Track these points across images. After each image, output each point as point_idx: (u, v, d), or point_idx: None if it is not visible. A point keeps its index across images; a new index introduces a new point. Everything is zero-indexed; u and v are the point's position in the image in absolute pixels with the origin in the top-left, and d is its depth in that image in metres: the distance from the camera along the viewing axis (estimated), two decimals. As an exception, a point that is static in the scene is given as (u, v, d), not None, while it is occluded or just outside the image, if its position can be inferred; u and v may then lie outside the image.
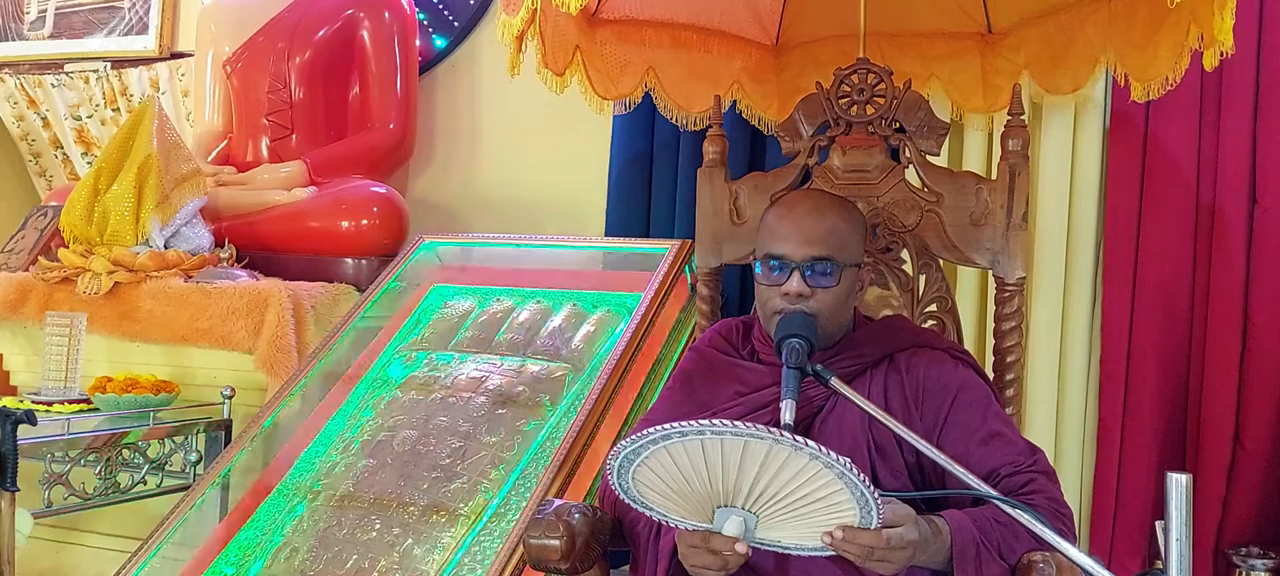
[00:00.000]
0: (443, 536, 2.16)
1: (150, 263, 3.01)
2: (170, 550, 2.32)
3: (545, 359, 2.53)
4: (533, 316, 2.67)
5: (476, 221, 3.51)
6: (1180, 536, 1.11)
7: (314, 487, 2.36)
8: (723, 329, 1.76)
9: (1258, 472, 2.53)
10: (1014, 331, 1.89)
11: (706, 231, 2.06)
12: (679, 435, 1.20)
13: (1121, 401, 2.65)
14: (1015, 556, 1.42)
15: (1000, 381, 1.88)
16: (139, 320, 2.97)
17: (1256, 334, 2.52)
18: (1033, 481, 1.51)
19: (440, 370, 2.57)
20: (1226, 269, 2.54)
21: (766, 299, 1.58)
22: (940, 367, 1.59)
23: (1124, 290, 2.64)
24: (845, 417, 1.54)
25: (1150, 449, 2.64)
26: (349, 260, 3.19)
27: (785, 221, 1.58)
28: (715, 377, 1.67)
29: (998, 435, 1.55)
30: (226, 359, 2.88)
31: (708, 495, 1.28)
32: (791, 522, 1.28)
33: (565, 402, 2.39)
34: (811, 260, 1.54)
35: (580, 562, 1.54)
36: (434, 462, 2.31)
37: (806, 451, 1.18)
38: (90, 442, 2.51)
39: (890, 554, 1.29)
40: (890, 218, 1.95)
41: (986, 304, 2.70)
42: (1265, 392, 2.51)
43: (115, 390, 2.71)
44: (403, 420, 2.44)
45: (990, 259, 1.89)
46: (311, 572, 2.18)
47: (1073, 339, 2.69)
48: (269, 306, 2.83)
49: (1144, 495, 2.63)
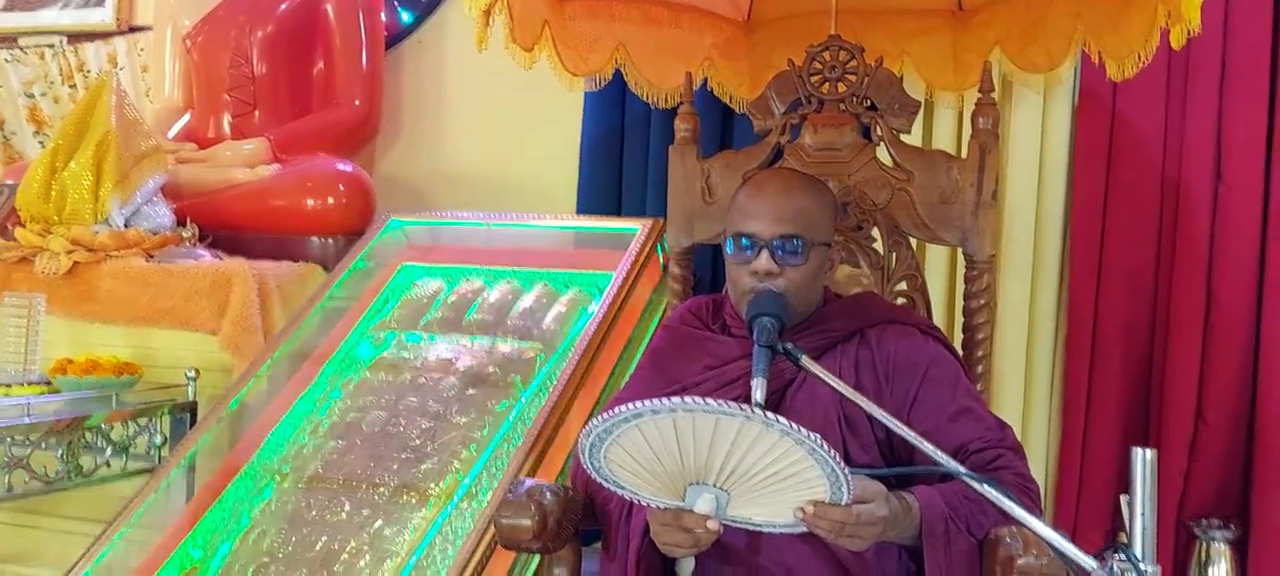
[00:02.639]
0: (413, 517, 2.15)
1: (110, 242, 2.96)
2: (136, 533, 2.29)
3: (516, 339, 2.51)
4: (503, 296, 2.65)
5: (444, 199, 3.48)
6: (1144, 510, 1.12)
7: (282, 469, 2.34)
8: (693, 306, 1.76)
9: (1219, 446, 2.57)
10: (983, 308, 1.90)
11: (678, 210, 2.05)
12: (650, 413, 1.20)
13: (1087, 376, 2.68)
14: (983, 531, 1.44)
15: (970, 358, 1.89)
16: (99, 300, 2.92)
17: (1219, 310, 2.55)
18: (1001, 457, 1.52)
19: (409, 350, 2.55)
20: (1191, 245, 2.57)
21: (736, 277, 1.58)
22: (910, 343, 1.60)
23: (1091, 266, 2.66)
24: (816, 392, 1.55)
25: (1114, 423, 2.68)
26: (315, 239, 3.15)
27: (755, 200, 1.58)
28: (686, 353, 1.67)
29: (967, 411, 1.56)
30: (190, 340, 2.84)
31: (679, 473, 1.28)
32: (763, 499, 1.28)
33: (536, 383, 2.38)
34: (780, 238, 1.54)
35: (552, 542, 1.54)
36: (404, 443, 2.30)
37: (777, 428, 1.18)
38: (51, 425, 2.47)
39: (861, 529, 1.30)
40: (861, 196, 1.96)
41: (956, 281, 2.72)
42: (1227, 368, 2.55)
43: (76, 372, 2.67)
44: (372, 401, 2.42)
45: (960, 236, 1.90)
46: (281, 554, 2.16)
47: (1040, 315, 2.72)
48: (233, 286, 2.79)
49: (1108, 469, 2.67)
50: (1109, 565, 1.07)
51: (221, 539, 2.23)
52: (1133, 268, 2.66)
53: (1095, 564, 1.08)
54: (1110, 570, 1.06)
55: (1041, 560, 1.33)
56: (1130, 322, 2.67)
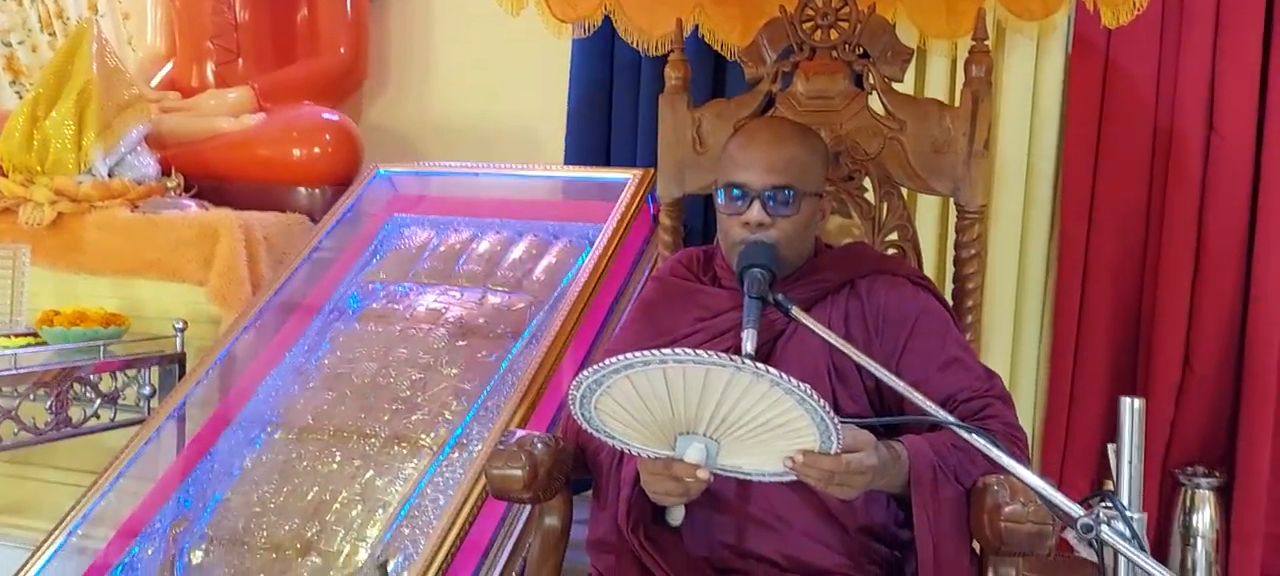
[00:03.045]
0: (404, 467, 2.16)
1: (94, 192, 2.93)
2: (128, 483, 2.30)
3: (506, 290, 2.50)
4: (492, 247, 2.64)
5: (431, 149, 3.45)
6: (1131, 459, 1.13)
7: (272, 420, 2.34)
8: (683, 257, 1.75)
9: (1205, 395, 2.59)
10: (974, 258, 1.89)
11: (669, 160, 2.03)
12: (641, 364, 1.20)
13: (1075, 325, 2.69)
14: (971, 479, 1.45)
15: (959, 308, 1.89)
16: (85, 251, 2.90)
17: (1209, 259, 2.56)
18: (989, 406, 1.53)
19: (399, 302, 2.54)
20: (1182, 195, 2.57)
21: (728, 228, 1.57)
22: (900, 293, 1.60)
23: (1081, 215, 2.66)
24: (806, 342, 1.55)
25: (1102, 372, 2.69)
26: (301, 189, 3.12)
27: (746, 150, 1.56)
28: (676, 304, 1.67)
29: (956, 360, 1.57)
30: (177, 291, 2.82)
31: (670, 423, 1.28)
32: (753, 449, 1.29)
33: (526, 334, 2.38)
34: (772, 189, 1.53)
35: (543, 492, 1.55)
36: (394, 394, 2.30)
37: (767, 378, 1.18)
38: (40, 377, 2.46)
39: (850, 478, 1.31)
40: (853, 145, 1.94)
41: (947, 231, 2.71)
42: (1215, 317, 2.56)
43: (63, 323, 2.66)
44: (362, 352, 2.42)
45: (952, 186, 1.89)
46: (273, 504, 2.17)
47: (1030, 264, 2.73)
48: (220, 237, 2.77)
49: (1095, 417, 2.69)
50: (1095, 513, 1.08)
51: (213, 489, 2.24)
52: (1123, 216, 2.65)
53: (1081, 511, 1.09)
54: (1096, 518, 1.07)
55: (1028, 508, 1.34)
56: (1120, 271, 2.67)
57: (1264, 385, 2.50)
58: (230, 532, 2.13)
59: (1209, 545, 2.53)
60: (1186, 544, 2.54)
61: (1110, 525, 1.07)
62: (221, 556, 2.10)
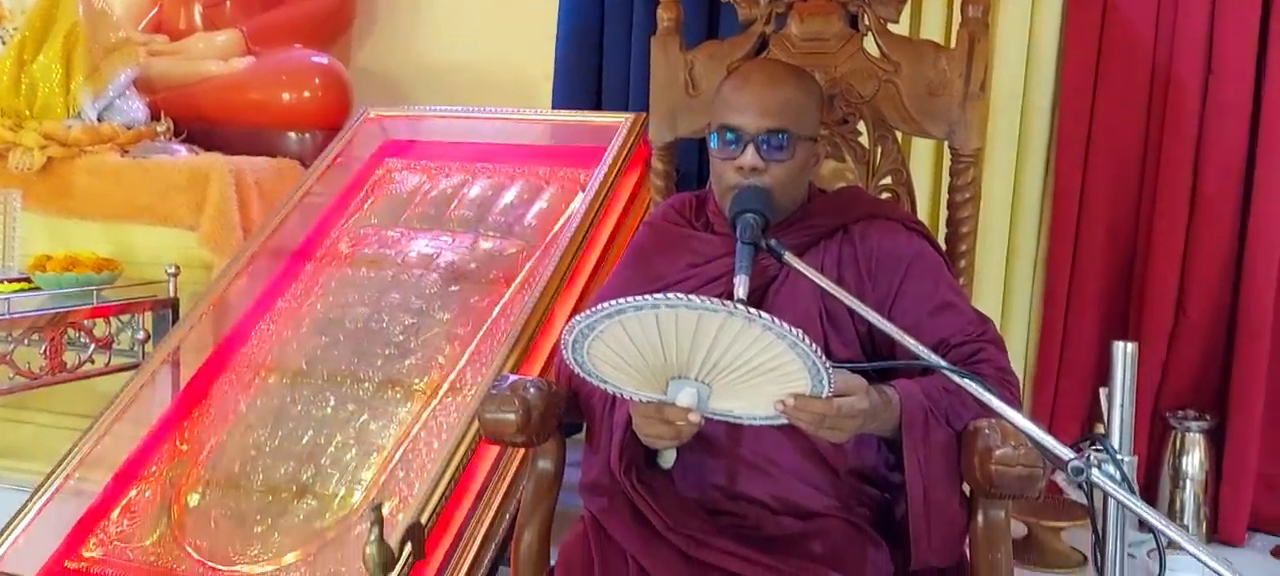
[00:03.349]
0: (398, 412, 2.17)
1: (84, 137, 2.91)
2: (124, 427, 2.31)
3: (498, 235, 2.50)
4: (484, 192, 2.63)
5: (421, 92, 3.41)
6: (1122, 402, 1.13)
7: (266, 365, 2.34)
8: (676, 203, 1.74)
9: (1198, 339, 2.60)
10: (968, 202, 1.89)
11: (661, 103, 2.01)
12: (633, 309, 1.20)
13: (1069, 268, 2.69)
14: (962, 423, 1.45)
15: (953, 252, 1.89)
16: (75, 196, 2.89)
17: (1204, 203, 2.55)
18: (981, 351, 1.53)
19: (391, 247, 2.53)
20: (1178, 139, 2.56)
21: (721, 173, 1.56)
22: (894, 238, 1.60)
23: (1077, 158, 2.65)
24: (798, 288, 1.55)
25: (1094, 315, 2.70)
26: (292, 134, 3.11)
27: (740, 93, 1.55)
28: (668, 250, 1.66)
29: (949, 305, 1.57)
30: (169, 236, 2.82)
31: (662, 367, 1.28)
32: (744, 393, 1.29)
33: (519, 279, 2.38)
34: (766, 132, 1.51)
35: (536, 436, 1.55)
36: (387, 339, 2.30)
37: (759, 323, 1.18)
38: (33, 322, 2.46)
39: (841, 422, 1.31)
40: (847, 88, 1.92)
41: (941, 174, 2.70)
42: (1210, 261, 2.56)
43: (55, 268, 2.65)
44: (355, 297, 2.42)
45: (947, 129, 1.88)
46: (268, 448, 2.18)
47: (1024, 207, 2.72)
48: (211, 182, 2.76)
49: (1086, 360, 2.71)
50: (1086, 456, 1.08)
51: (209, 433, 2.25)
52: (1119, 160, 2.64)
53: (1072, 454, 1.09)
54: (1087, 461, 1.08)
55: (1019, 451, 1.35)
56: (1114, 215, 2.67)
57: (1258, 329, 2.51)
58: (226, 475, 2.15)
59: (1197, 487, 2.55)
60: (1175, 486, 2.57)
61: (1100, 468, 1.08)
62: (218, 499, 2.11)
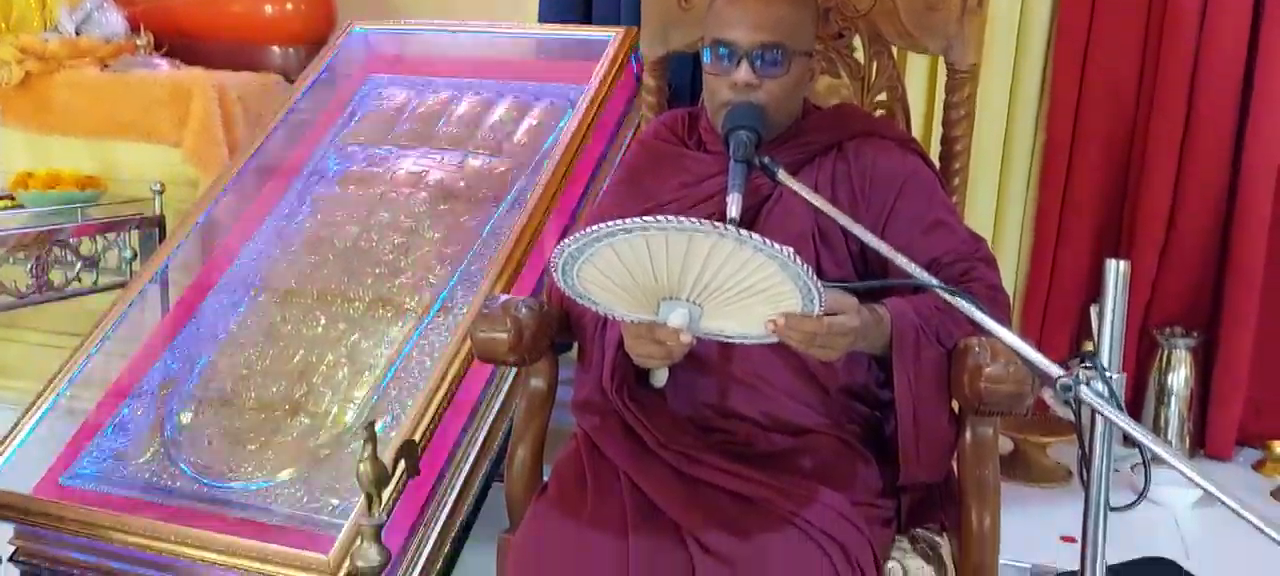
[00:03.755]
0: (389, 331, 2.17)
1: (62, 50, 2.86)
2: (114, 345, 2.30)
3: (487, 153, 2.47)
4: (472, 109, 2.59)
5: (408, 6, 3.34)
6: (1113, 320, 1.13)
7: (255, 283, 2.33)
8: (668, 120, 1.72)
9: (1189, 257, 2.61)
10: (964, 119, 1.87)
11: (652, 17, 1.97)
12: (623, 232, 1.19)
13: (1062, 186, 2.69)
14: (953, 341, 1.46)
15: (947, 169, 1.88)
16: (55, 112, 2.85)
17: (1199, 122, 2.54)
18: (973, 269, 1.53)
19: (379, 165, 2.50)
20: (1175, 56, 2.53)
21: (714, 89, 1.53)
22: (888, 156, 1.58)
23: (1073, 75, 2.63)
24: (791, 207, 1.54)
25: (1086, 233, 2.70)
26: (275, 48, 3.05)
27: (734, 7, 1.51)
28: (660, 169, 1.64)
29: (942, 224, 1.56)
30: (153, 153, 2.79)
31: (653, 288, 1.28)
32: (735, 313, 1.29)
33: (509, 198, 2.36)
34: (761, 47, 1.48)
35: (528, 354, 1.56)
36: (377, 258, 2.29)
37: (750, 244, 1.17)
38: (18, 240, 2.44)
39: (831, 340, 1.31)
40: (843, 2, 1.89)
41: (936, 91, 2.67)
42: (1204, 180, 2.56)
43: (38, 186, 2.63)
44: (343, 216, 2.40)
45: (944, 45, 1.85)
46: (259, 367, 2.18)
47: (1019, 125, 2.70)
48: (194, 97, 2.73)
49: (1077, 277, 2.72)
50: (1075, 373, 1.09)
51: (200, 352, 2.25)
52: (1115, 76, 2.62)
53: (1061, 372, 1.10)
54: (1076, 378, 1.08)
55: (1008, 368, 1.36)
56: (1109, 132, 2.65)
57: (1252, 249, 2.52)
58: (218, 394, 2.15)
59: (1182, 403, 2.59)
60: (1160, 402, 2.61)
61: (1089, 385, 1.09)
62: (211, 417, 2.12)
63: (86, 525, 1.94)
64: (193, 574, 1.88)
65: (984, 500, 1.46)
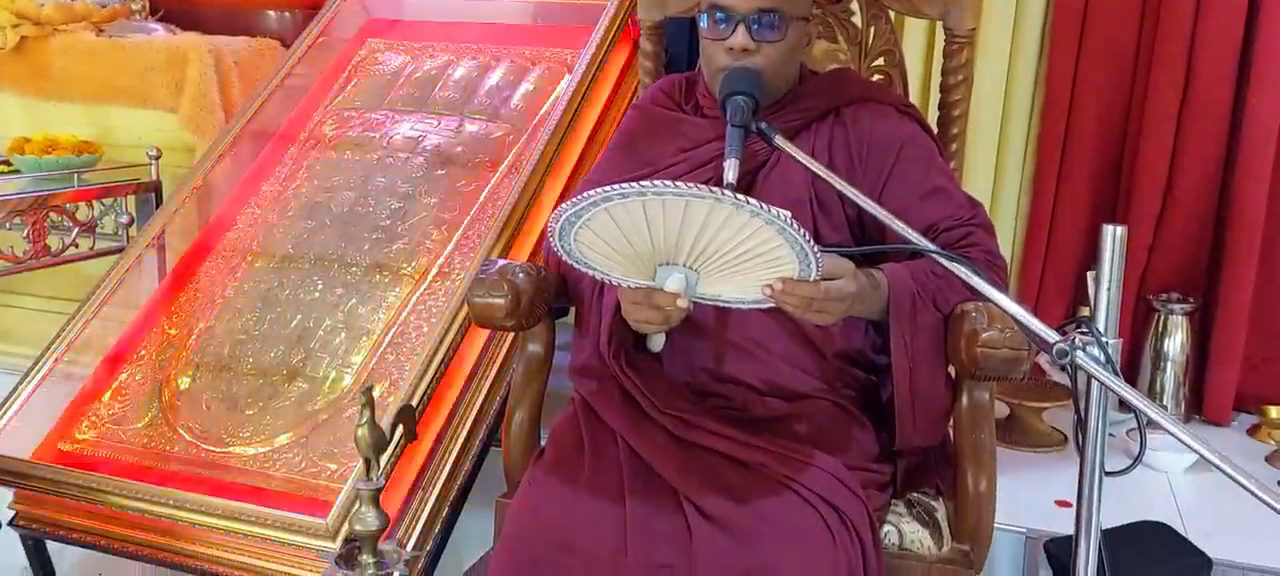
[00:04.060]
0: (387, 296, 2.16)
1: (57, 15, 2.84)
2: (111, 311, 2.30)
3: (484, 118, 2.46)
4: (469, 73, 2.57)
5: (405, -32, 3.30)
6: (1110, 286, 1.13)
7: (252, 248, 2.33)
8: (665, 85, 1.71)
9: (1185, 223, 2.61)
10: (961, 84, 1.86)
11: (650, -20, 1.96)
12: (619, 196, 1.18)
13: (1059, 151, 2.68)
14: (949, 306, 1.46)
15: (944, 134, 1.87)
16: (52, 77, 2.84)
17: (1197, 87, 2.53)
18: (971, 234, 1.53)
19: (375, 129, 2.49)
20: (1174, 25, 2.52)
21: (711, 54, 1.52)
22: (886, 122, 1.58)
23: (1071, 40, 2.61)
24: (788, 172, 1.54)
25: (1084, 199, 2.70)
26: (271, 12, 3.03)
27: (731, -28, 1.50)
28: (658, 134, 1.64)
29: (939, 189, 1.56)
30: (149, 118, 2.77)
31: (649, 254, 1.28)
32: (732, 277, 1.29)
33: (506, 163, 2.35)
34: (758, 12, 1.48)
35: (526, 320, 1.56)
36: (374, 224, 2.29)
37: (747, 209, 1.17)
38: (15, 205, 2.43)
39: (828, 305, 1.32)
40: (841, -35, 1.88)
41: (933, 55, 2.66)
42: (1200, 146, 2.55)
43: (34, 151, 2.61)
44: (340, 181, 2.39)
45: (942, 9, 1.84)
46: (257, 332, 2.18)
47: (1017, 90, 2.69)
48: (190, 62, 2.71)
49: (1074, 243, 2.72)
50: (1071, 339, 1.09)
51: (197, 317, 2.25)
52: (1113, 42, 2.61)
53: (1057, 337, 1.10)
54: (1072, 344, 1.08)
55: (1005, 333, 1.36)
56: (1107, 97, 2.64)
57: (1251, 214, 2.51)
58: (216, 359, 2.15)
59: (1178, 369, 2.59)
60: (1156, 367, 2.61)
61: (1085, 350, 1.09)
62: (209, 382, 2.12)
63: (86, 490, 1.95)
64: (192, 538, 1.89)
65: (980, 464, 1.47)
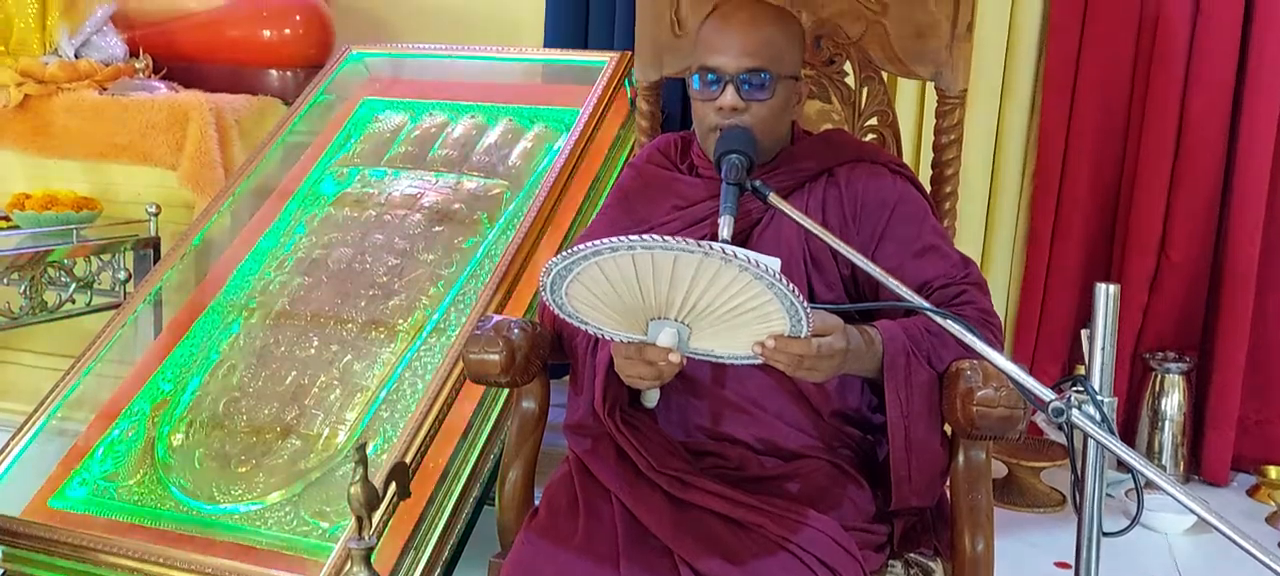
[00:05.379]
0: (382, 352, 2.16)
1: (61, 73, 2.87)
2: (105, 367, 2.30)
3: (482, 176, 2.48)
4: (468, 131, 2.60)
5: (405, 30, 3.36)
6: (1104, 344, 1.13)
7: (249, 305, 2.33)
8: (661, 144, 1.72)
9: (1180, 283, 2.61)
10: (953, 144, 1.88)
11: (646, 42, 1.98)
12: (609, 250, 1.19)
13: (1052, 211, 2.69)
14: (944, 364, 1.46)
15: (937, 193, 1.88)
16: (54, 134, 2.86)
17: (1189, 148, 2.55)
18: (964, 293, 1.53)
19: (374, 186, 2.51)
20: (1165, 80, 2.55)
21: (702, 114, 1.54)
22: (879, 181, 1.59)
23: (1062, 100, 2.64)
24: (782, 231, 1.54)
25: (1077, 258, 2.71)
26: (273, 71, 3.07)
27: (720, 33, 1.52)
28: (653, 193, 1.65)
29: (933, 248, 1.57)
30: (149, 175, 2.80)
31: (641, 308, 1.28)
32: (725, 333, 1.29)
33: (503, 220, 2.36)
34: (746, 72, 1.49)
35: (520, 376, 1.55)
36: (371, 280, 2.29)
37: (736, 263, 1.17)
38: (13, 260, 2.44)
39: (819, 362, 1.31)
40: (835, 29, 1.90)
41: (925, 115, 2.69)
42: (1194, 205, 2.57)
43: (34, 207, 2.63)
44: (337, 237, 2.40)
45: (934, 71, 1.86)
46: (251, 388, 2.18)
47: (1009, 149, 2.71)
48: (191, 120, 2.74)
49: (1068, 302, 2.72)
50: (1067, 397, 1.09)
51: (191, 373, 2.24)
52: (1105, 102, 2.63)
53: (1053, 396, 1.10)
54: (1068, 402, 1.08)
55: (1000, 392, 1.35)
56: (1099, 157, 2.66)
57: (1244, 273, 2.52)
58: (210, 415, 2.14)
59: (1176, 428, 2.58)
60: (1154, 427, 2.60)
61: (1081, 409, 1.08)
62: (202, 439, 2.11)
63: (75, 548, 1.93)
64: (181, 597, 1.87)
65: (977, 525, 1.46)
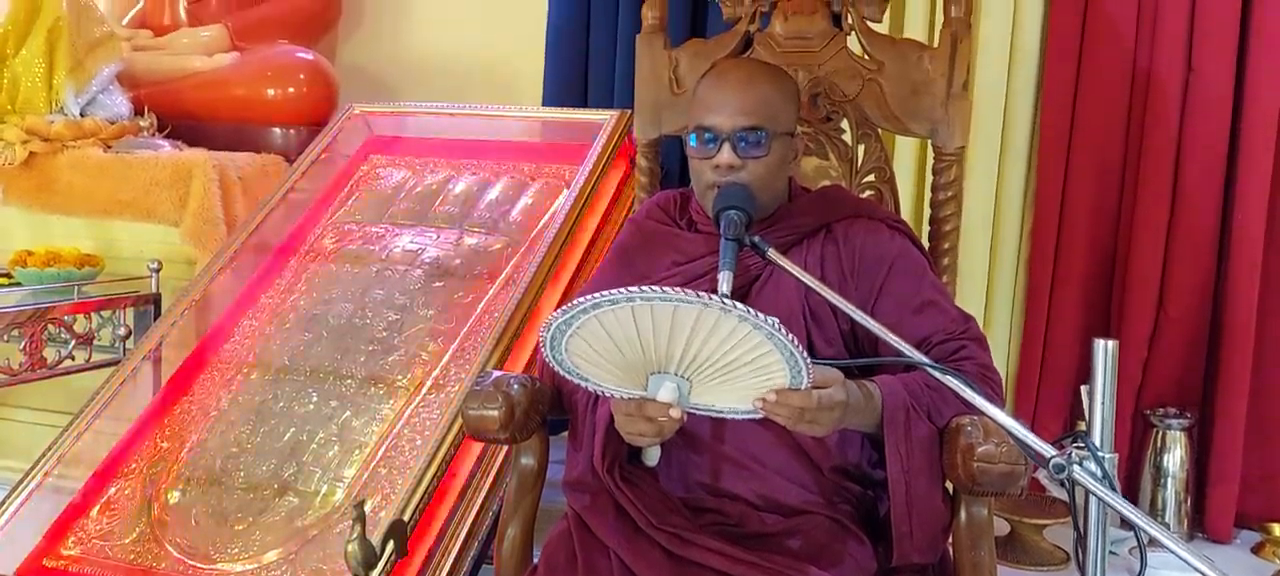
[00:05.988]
0: (381, 408, 2.16)
1: (66, 131, 2.90)
2: (104, 424, 2.29)
3: (482, 232, 2.49)
4: (469, 188, 2.62)
5: (408, 89, 3.41)
6: (1103, 400, 1.13)
7: (248, 361, 2.33)
8: (660, 200, 1.74)
9: (1180, 339, 2.61)
10: (951, 200, 1.89)
11: (646, 101, 2.01)
12: (608, 303, 1.19)
13: (1051, 266, 2.70)
14: (944, 419, 1.45)
15: (935, 250, 1.89)
16: (58, 192, 2.88)
17: (1185, 204, 2.57)
18: (964, 348, 1.53)
19: (375, 243, 2.52)
20: (1159, 138, 2.57)
21: (699, 172, 1.55)
22: (877, 237, 1.60)
23: (1059, 156, 2.66)
24: (781, 286, 1.55)
25: (1077, 314, 2.71)
26: (277, 129, 3.10)
27: (715, 92, 1.55)
28: (652, 249, 1.66)
29: (931, 303, 1.57)
30: (152, 232, 2.81)
31: (641, 363, 1.28)
32: (725, 386, 1.29)
33: (504, 275, 2.37)
34: (742, 130, 1.51)
35: (519, 432, 1.55)
36: (371, 335, 2.29)
37: (735, 314, 1.18)
38: (13, 317, 2.44)
39: (819, 415, 1.31)
40: (831, 87, 1.93)
41: (923, 173, 2.71)
42: (1191, 260, 2.58)
43: (36, 264, 2.64)
44: (338, 293, 2.41)
45: (930, 128, 1.89)
46: (250, 445, 2.17)
47: (1007, 206, 2.73)
48: (194, 177, 2.75)
49: (1068, 359, 2.72)
50: (1068, 453, 1.09)
51: (190, 430, 2.24)
52: (1101, 158, 2.66)
53: (1054, 451, 1.10)
54: (1069, 458, 1.08)
55: (1001, 448, 1.35)
56: (1096, 213, 2.68)
57: (1242, 328, 2.52)
58: (207, 472, 2.13)
59: (1179, 484, 2.57)
60: (1156, 483, 2.58)
61: (1082, 465, 1.08)
62: (199, 496, 2.10)
63: (69, 607, 1.91)
64: (175, 657, 1.84)
65: (979, 582, 1.44)
